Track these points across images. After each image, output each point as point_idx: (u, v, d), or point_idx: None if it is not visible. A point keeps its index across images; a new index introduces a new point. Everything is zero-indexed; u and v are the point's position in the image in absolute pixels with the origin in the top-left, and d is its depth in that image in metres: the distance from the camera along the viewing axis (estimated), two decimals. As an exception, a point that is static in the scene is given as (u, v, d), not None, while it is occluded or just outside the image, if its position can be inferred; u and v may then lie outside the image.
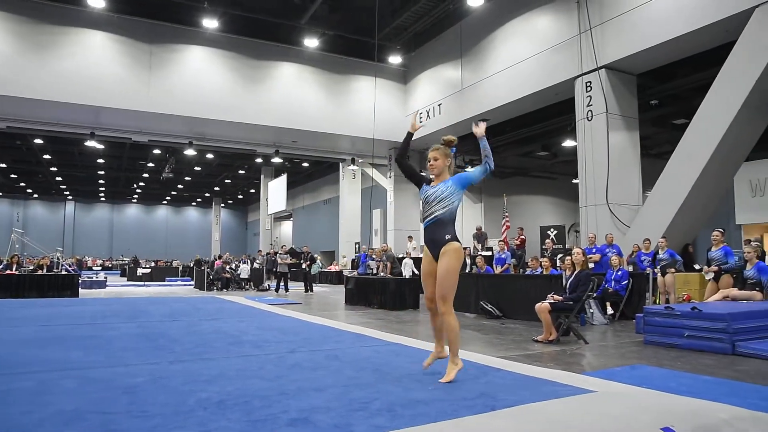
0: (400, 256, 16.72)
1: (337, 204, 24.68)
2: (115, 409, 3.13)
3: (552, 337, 6.24)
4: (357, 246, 22.03)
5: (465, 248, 8.80)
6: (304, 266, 16.54)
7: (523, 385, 3.80)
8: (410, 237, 17.75)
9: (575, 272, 6.72)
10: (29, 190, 41.77)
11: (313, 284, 16.91)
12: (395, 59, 18.35)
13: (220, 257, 21.44)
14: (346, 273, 17.06)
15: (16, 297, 12.41)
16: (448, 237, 3.76)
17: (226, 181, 37.29)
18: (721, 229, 8.73)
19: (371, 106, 17.62)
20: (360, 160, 21.33)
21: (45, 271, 14.01)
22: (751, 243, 8.78)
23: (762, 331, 5.76)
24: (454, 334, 3.79)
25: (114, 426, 2.83)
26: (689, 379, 4.26)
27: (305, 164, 30.10)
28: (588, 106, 12.21)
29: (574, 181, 13.83)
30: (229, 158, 28.40)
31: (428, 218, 3.87)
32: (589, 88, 12.19)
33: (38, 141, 23.96)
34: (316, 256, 21.01)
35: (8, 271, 13.57)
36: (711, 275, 8.28)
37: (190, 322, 8.04)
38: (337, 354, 5.16)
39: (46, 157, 28.62)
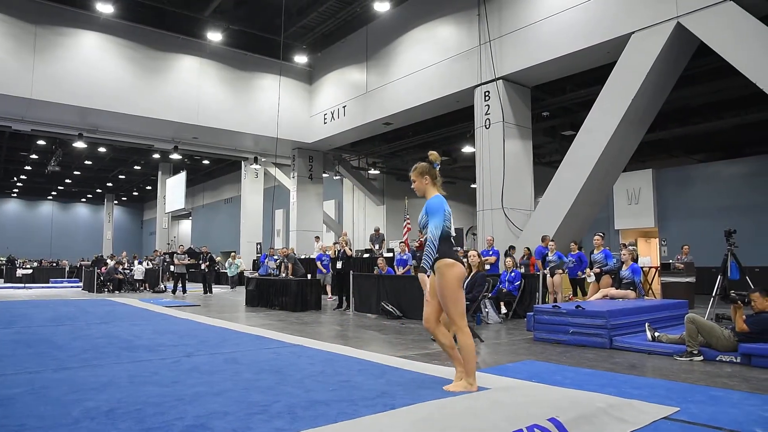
0: (303, 256, 16.60)
1: (238, 203, 24.02)
2: (-13, 424, 2.85)
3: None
4: (258, 246, 21.57)
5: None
6: (203, 267, 15.93)
7: (421, 384, 3.90)
8: (317, 237, 17.64)
9: (471, 273, 6.99)
10: None
11: (212, 286, 16.31)
12: (301, 59, 18.16)
13: (112, 256, 20.17)
14: (247, 274, 16.63)
15: None
16: (437, 256, 3.63)
17: (120, 176, 35.12)
18: (601, 233, 9.45)
19: (275, 104, 17.31)
20: (263, 159, 20.92)
21: None
22: (627, 246, 9.58)
23: (634, 326, 6.30)
24: (465, 353, 3.59)
25: (-15, 442, 2.58)
26: (573, 372, 4.57)
27: (206, 162, 29.07)
28: (486, 114, 12.75)
29: (473, 185, 14.40)
30: (124, 152, 26.76)
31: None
32: (487, 98, 12.74)
33: None
34: (216, 257, 20.30)
35: None
36: (593, 277, 8.93)
37: (76, 326, 7.50)
38: (236, 357, 5.03)
39: None
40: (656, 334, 5.78)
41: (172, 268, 16.96)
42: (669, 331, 6.01)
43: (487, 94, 12.75)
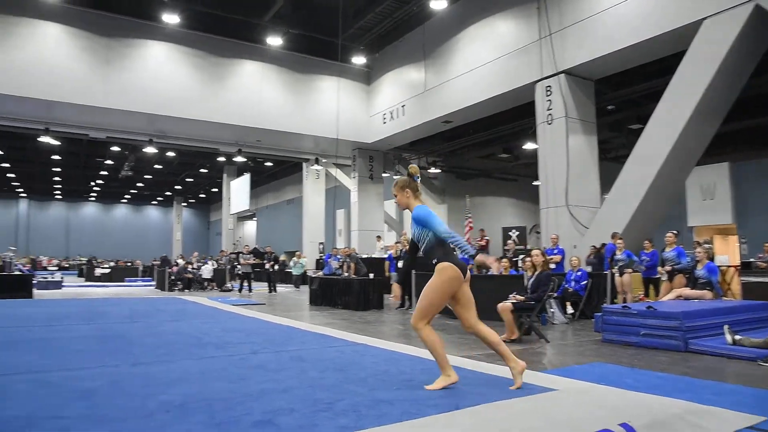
0: (364, 255, 16.72)
1: (300, 204, 24.49)
2: (71, 414, 3.03)
3: (514, 337, 6.34)
4: (321, 246, 21.91)
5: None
6: (267, 266, 16.36)
7: (486, 384, 3.84)
8: (379, 237, 17.74)
9: (536, 273, 6.84)
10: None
11: (277, 285, 16.72)
12: (359, 60, 18.31)
13: (181, 257, 21.03)
14: (310, 273, 16.95)
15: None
16: (434, 261, 3.73)
17: (188, 179, 36.54)
18: (674, 231, 9.02)
19: (335, 106, 17.56)
20: (324, 160, 21.23)
21: (-4, 271, 13.46)
22: (702, 244, 9.10)
23: (712, 329, 5.96)
24: (430, 348, 3.72)
25: (70, 432, 2.74)
26: (645, 376, 4.38)
27: (269, 163, 29.77)
28: (548, 110, 12.44)
29: (535, 183, 14.07)
30: (191, 156, 27.84)
31: None
32: (549, 93, 12.43)
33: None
34: (281, 257, 20.79)
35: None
36: (665, 276, 8.54)
37: (150, 323, 7.86)
38: (301, 355, 5.12)
39: (-1, 153, 27.56)
40: (737, 337, 5.46)
41: (238, 267, 17.51)
42: (751, 335, 5.65)
43: (548, 89, 12.44)
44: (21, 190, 41.66)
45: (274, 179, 35.50)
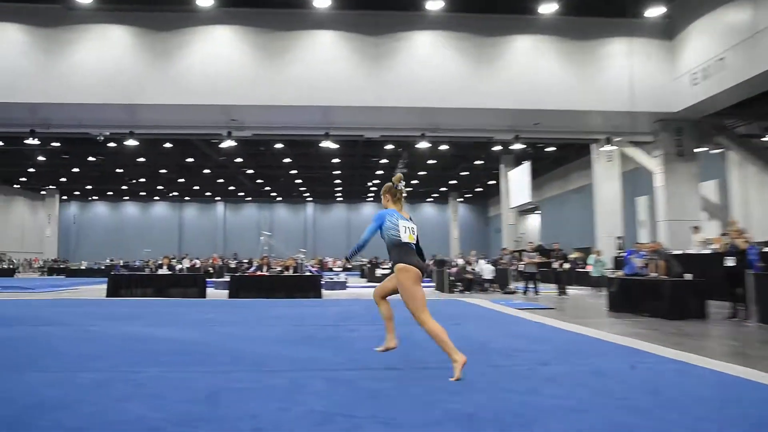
0: (677, 252, 15.26)
1: (590, 192, 23.56)
2: (362, 413, 3.42)
3: None
4: (620, 242, 20.75)
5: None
6: (555, 265, 16.16)
7: None
8: (695, 227, 16.07)
9: None
10: (273, 194, 48.26)
11: (567, 287, 16.39)
12: (655, 10, 16.70)
13: (461, 256, 22.13)
14: (607, 273, 16.20)
15: (266, 297, 14.45)
16: (392, 263, 4.82)
17: (463, 173, 38.29)
18: None
19: (627, 72, 16.37)
20: (617, 139, 20.02)
21: (291, 272, 16.03)
22: None
23: None
24: (436, 339, 4.60)
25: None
26: None
27: (550, 149, 29.35)
28: None
29: None
30: (465, 148, 29.09)
31: None
32: None
33: (279, 145, 27.60)
34: (571, 256, 20.35)
35: (259, 273, 15.91)
36: None
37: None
38: (600, 369, 4.92)
39: (287, 160, 32.80)
40: None
41: (521, 267, 17.68)
42: None
43: None
44: (307, 195, 48.99)
45: (558, 166, 34.88)
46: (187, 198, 51.14)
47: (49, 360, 5.40)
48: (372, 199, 51.13)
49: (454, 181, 41.79)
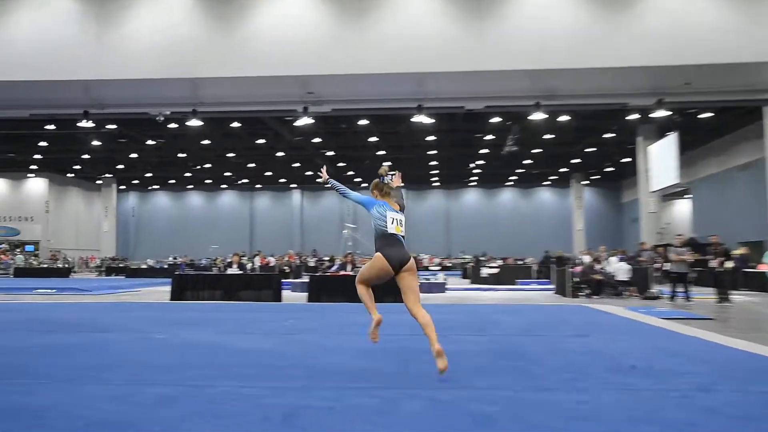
0: None
1: (763, 169, 22.29)
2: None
3: None
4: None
5: None
6: (713, 264, 15.48)
7: None
8: None
9: None
10: (358, 179, 48.82)
11: (729, 291, 15.66)
12: None
13: (588, 252, 21.60)
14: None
15: (351, 301, 14.48)
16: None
17: (588, 149, 37.21)
18: None
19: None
20: (799, 100, 18.86)
21: (380, 271, 16.11)
22: None
23: None
24: (362, 299, 5.97)
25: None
26: None
27: (705, 115, 27.99)
28: None
29: None
30: (590, 119, 28.21)
31: None
32: None
33: (363, 122, 27.86)
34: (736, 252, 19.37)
35: (342, 272, 16.02)
36: None
37: (550, 337, 8.32)
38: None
39: (372, 139, 33.08)
40: None
41: (667, 266, 17.05)
42: None
43: None
44: (399, 179, 49.15)
45: (716, 137, 33.21)
46: (258, 186, 53.00)
47: (110, 371, 5.70)
48: (475, 183, 50.69)
49: (578, 160, 40.68)
